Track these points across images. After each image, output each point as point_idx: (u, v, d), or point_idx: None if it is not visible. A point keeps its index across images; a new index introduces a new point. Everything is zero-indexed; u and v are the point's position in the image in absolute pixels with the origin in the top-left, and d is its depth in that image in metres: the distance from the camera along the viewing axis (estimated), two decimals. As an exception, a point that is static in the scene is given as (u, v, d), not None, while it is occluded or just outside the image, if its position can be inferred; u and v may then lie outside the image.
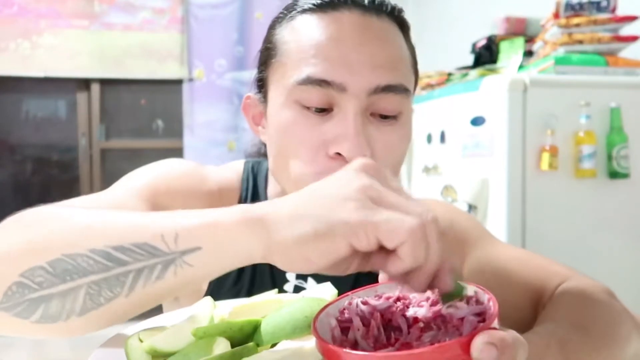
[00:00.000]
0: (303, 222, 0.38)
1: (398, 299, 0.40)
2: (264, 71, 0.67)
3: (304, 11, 0.63)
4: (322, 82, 0.59)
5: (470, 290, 0.39)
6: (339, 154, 0.59)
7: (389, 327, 0.38)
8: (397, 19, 0.65)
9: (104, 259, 0.41)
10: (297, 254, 0.39)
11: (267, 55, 0.66)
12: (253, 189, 0.74)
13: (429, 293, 0.39)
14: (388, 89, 0.60)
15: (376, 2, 0.63)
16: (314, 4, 0.62)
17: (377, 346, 0.37)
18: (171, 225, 0.42)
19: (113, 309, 0.43)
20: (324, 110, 0.60)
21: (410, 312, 0.38)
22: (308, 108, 0.60)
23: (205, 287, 0.71)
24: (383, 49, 0.61)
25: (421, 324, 0.36)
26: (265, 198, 0.74)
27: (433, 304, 0.38)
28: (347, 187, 0.39)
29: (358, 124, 0.58)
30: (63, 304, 0.42)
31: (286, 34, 0.64)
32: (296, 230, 0.38)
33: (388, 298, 0.41)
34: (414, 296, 0.40)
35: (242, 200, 0.73)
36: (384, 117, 0.61)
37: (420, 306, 0.38)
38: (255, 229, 0.40)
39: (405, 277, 0.39)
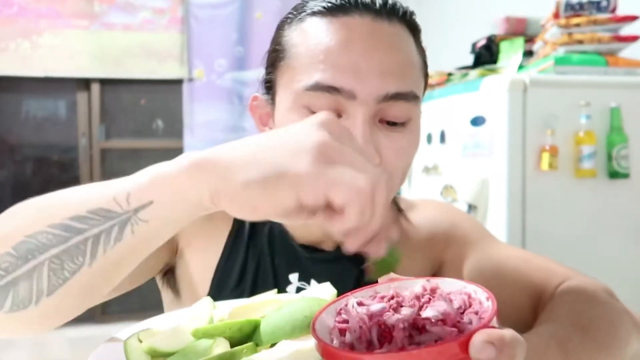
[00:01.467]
0: (253, 168, 0.38)
1: (392, 298, 0.40)
2: (272, 73, 0.66)
3: (314, 14, 0.62)
4: (330, 89, 0.58)
5: (469, 288, 0.39)
6: None
7: (383, 328, 0.38)
8: (409, 22, 0.64)
9: (62, 231, 0.41)
10: (245, 199, 0.38)
11: (276, 57, 0.65)
12: None
13: (420, 289, 0.39)
14: (397, 96, 0.59)
15: (388, 6, 0.62)
16: (324, 7, 0.62)
17: (370, 348, 0.37)
18: (123, 185, 0.42)
19: (80, 282, 0.42)
20: None
21: (404, 312, 0.38)
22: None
23: (206, 289, 0.71)
24: (393, 55, 0.60)
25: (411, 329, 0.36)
26: None
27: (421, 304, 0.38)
28: (304, 140, 0.38)
29: (366, 131, 0.58)
30: (30, 285, 0.41)
31: (295, 36, 0.63)
32: (245, 176, 0.38)
33: (382, 297, 0.41)
34: (407, 294, 0.40)
35: None
36: (393, 123, 0.61)
37: (412, 306, 0.38)
38: (203, 174, 0.39)
39: (343, 235, 0.39)
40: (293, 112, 0.61)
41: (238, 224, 0.73)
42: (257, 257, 0.72)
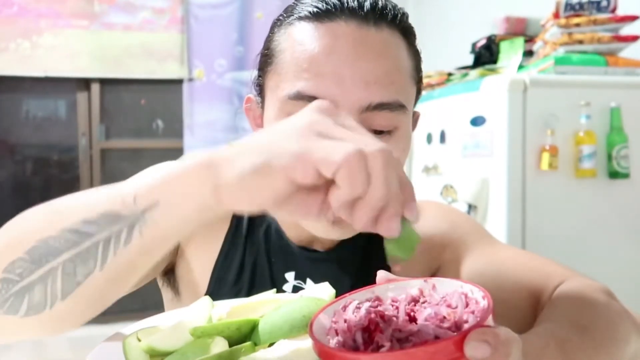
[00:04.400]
0: (246, 158, 0.37)
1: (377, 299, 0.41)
2: (262, 77, 0.67)
3: (301, 18, 0.62)
4: (312, 99, 0.57)
5: (466, 287, 0.39)
6: None
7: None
8: (400, 26, 0.63)
9: (73, 236, 0.41)
10: (241, 190, 0.37)
11: (264, 61, 0.66)
12: None
13: (417, 288, 0.39)
14: (381, 106, 0.59)
15: (376, 10, 0.61)
16: (310, 12, 0.61)
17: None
18: (130, 187, 0.42)
19: (93, 285, 0.42)
20: None
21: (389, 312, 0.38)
22: None
23: (205, 286, 0.71)
24: (377, 64, 0.59)
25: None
26: None
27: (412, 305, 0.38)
28: (295, 123, 0.38)
29: None
30: (45, 289, 0.42)
31: (282, 41, 0.63)
32: (239, 166, 0.37)
33: (369, 300, 0.41)
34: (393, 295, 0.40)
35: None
36: (379, 132, 0.60)
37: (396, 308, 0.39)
38: (203, 174, 0.39)
39: (346, 211, 0.37)
40: (278, 120, 0.60)
41: (236, 222, 0.74)
42: (254, 255, 0.72)
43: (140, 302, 2.62)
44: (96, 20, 3.30)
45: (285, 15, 0.65)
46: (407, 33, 0.64)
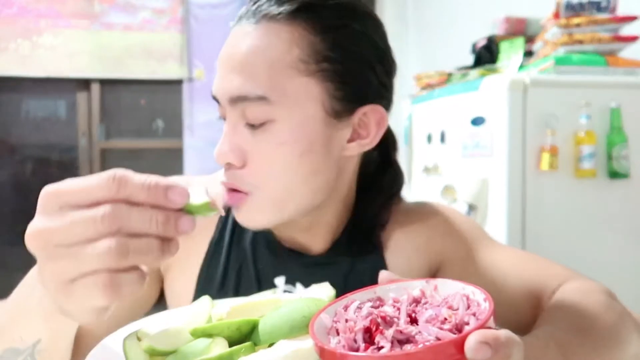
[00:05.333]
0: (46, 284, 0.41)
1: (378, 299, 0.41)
2: None
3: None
4: (214, 98, 0.64)
5: (467, 289, 0.39)
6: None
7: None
8: (300, 12, 0.60)
9: None
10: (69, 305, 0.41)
11: None
12: None
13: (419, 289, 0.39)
14: (238, 99, 0.61)
15: (255, 6, 0.62)
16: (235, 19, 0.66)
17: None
18: (17, 326, 0.49)
19: None
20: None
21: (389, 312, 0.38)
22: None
23: (190, 299, 0.71)
24: (241, 58, 0.61)
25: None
26: None
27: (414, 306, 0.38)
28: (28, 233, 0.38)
29: (228, 133, 0.62)
30: None
31: None
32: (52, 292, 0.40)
33: (370, 299, 0.41)
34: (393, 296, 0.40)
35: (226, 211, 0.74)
36: (251, 126, 0.61)
37: (397, 309, 0.38)
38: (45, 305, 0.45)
39: None
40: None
41: (219, 234, 0.74)
42: (239, 262, 0.72)
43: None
44: (96, 20, 3.30)
45: None
46: (313, 17, 0.61)
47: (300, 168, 0.62)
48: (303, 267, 0.71)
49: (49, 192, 0.37)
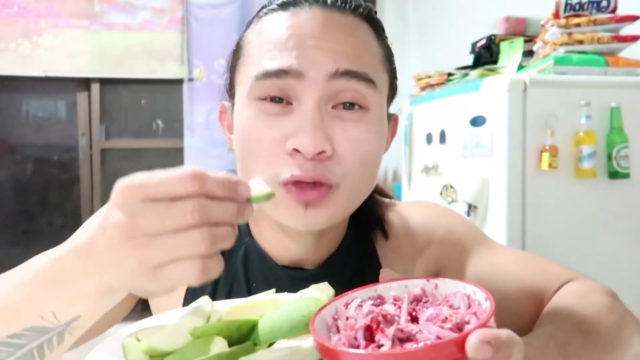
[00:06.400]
0: (109, 275, 0.42)
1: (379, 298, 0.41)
2: (232, 75, 0.66)
3: (268, 12, 0.63)
4: (279, 72, 0.56)
5: (468, 288, 0.39)
6: (297, 150, 0.56)
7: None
8: (368, 17, 0.63)
9: (6, 347, 0.45)
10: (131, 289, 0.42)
11: (234, 57, 0.66)
12: None
13: (418, 288, 0.39)
14: (349, 74, 0.57)
15: (339, 0, 0.61)
16: (277, 4, 0.62)
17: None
18: (46, 301, 0.45)
19: None
20: (283, 104, 0.58)
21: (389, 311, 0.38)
22: (269, 103, 0.58)
23: (181, 299, 0.69)
24: (344, 39, 0.58)
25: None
26: None
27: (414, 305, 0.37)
28: (106, 224, 0.40)
29: (316, 117, 0.56)
30: None
31: (250, 35, 0.63)
32: (112, 279, 0.42)
33: (372, 298, 0.41)
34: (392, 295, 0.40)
35: None
36: (348, 108, 0.58)
37: (398, 307, 0.38)
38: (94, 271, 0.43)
39: None
40: (246, 107, 0.59)
41: None
42: (229, 282, 0.69)
43: (140, 303, 2.62)
44: (96, 20, 3.30)
45: (255, 16, 0.66)
46: (374, 24, 0.64)
47: (378, 163, 0.62)
48: (300, 282, 0.67)
49: (128, 187, 0.39)
